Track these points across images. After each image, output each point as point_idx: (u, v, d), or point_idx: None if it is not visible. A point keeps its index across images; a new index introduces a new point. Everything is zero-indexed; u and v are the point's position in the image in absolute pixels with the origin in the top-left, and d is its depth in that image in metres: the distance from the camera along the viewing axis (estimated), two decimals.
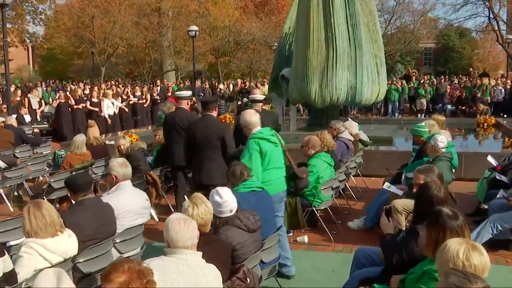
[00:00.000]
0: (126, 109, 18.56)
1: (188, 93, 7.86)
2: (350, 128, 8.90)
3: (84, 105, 17.25)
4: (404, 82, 24.20)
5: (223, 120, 15.42)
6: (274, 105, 13.87)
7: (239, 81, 28.32)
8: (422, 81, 24.52)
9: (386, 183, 6.54)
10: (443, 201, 3.80)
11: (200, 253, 3.17)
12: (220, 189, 4.18)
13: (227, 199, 4.12)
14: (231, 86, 26.63)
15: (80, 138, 8.19)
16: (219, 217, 4.07)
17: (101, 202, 4.62)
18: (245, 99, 20.86)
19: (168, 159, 7.56)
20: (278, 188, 5.40)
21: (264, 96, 8.69)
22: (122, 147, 8.12)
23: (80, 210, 4.31)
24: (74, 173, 7.09)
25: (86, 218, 4.23)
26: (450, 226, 3.15)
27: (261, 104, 8.04)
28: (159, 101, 19.59)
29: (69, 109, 17.16)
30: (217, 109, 6.94)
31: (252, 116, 5.49)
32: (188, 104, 7.62)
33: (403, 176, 6.88)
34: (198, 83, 26.69)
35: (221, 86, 25.75)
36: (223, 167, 6.00)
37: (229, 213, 4.11)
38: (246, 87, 23.80)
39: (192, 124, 6.69)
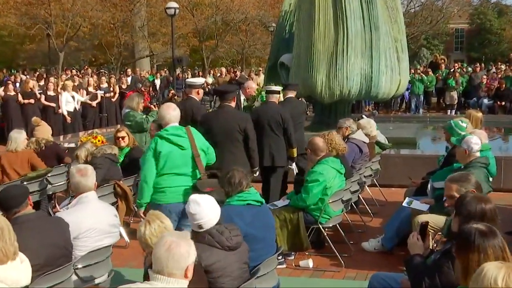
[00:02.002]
0: (93, 104, 18.50)
1: (201, 80, 8.32)
2: (370, 128, 8.92)
3: (36, 98, 17.20)
4: (430, 71, 24.30)
5: None
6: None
7: (224, 69, 28.29)
8: (452, 70, 24.62)
9: (407, 199, 6.53)
10: (493, 216, 3.83)
11: (186, 282, 3.20)
12: (199, 198, 4.19)
13: (193, 211, 4.09)
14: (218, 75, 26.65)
15: (15, 134, 8.27)
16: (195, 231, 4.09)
17: (44, 216, 4.59)
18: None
19: None
20: (175, 198, 5.62)
21: (280, 88, 8.97)
22: (82, 154, 7.94)
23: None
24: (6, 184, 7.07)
25: (26, 241, 3.95)
26: (485, 247, 3.16)
27: (278, 95, 8.47)
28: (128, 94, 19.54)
29: (19, 104, 17.12)
30: (235, 99, 7.49)
31: (165, 110, 5.82)
32: (198, 94, 8.03)
33: (428, 186, 6.90)
34: (178, 72, 26.66)
35: (209, 79, 25.65)
36: (245, 162, 6.90)
37: (198, 229, 4.08)
38: (237, 77, 23.76)
39: (208, 116, 7.19)
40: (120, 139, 8.28)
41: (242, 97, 10.03)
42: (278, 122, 7.90)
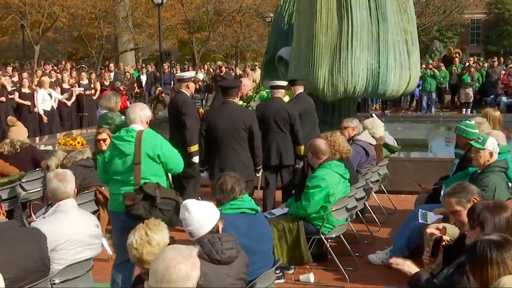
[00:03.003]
0: (68, 103, 18.47)
1: (190, 74, 8.79)
2: (372, 129, 8.92)
3: (10, 96, 17.15)
4: (443, 66, 24.33)
5: None
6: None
7: (220, 64, 28.30)
8: (467, 65, 24.66)
9: (420, 212, 6.49)
10: None
11: None
12: (190, 203, 4.22)
13: (184, 217, 4.19)
14: (211, 71, 26.63)
15: None
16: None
17: (17, 227, 4.57)
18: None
19: None
20: (117, 206, 5.72)
21: (285, 83, 9.20)
22: (53, 164, 7.86)
23: None
24: None
25: None
26: (504, 258, 3.18)
27: (283, 91, 8.76)
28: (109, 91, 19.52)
29: None
30: (239, 95, 7.91)
31: (130, 110, 5.99)
32: (188, 88, 8.45)
33: (441, 193, 6.90)
34: (166, 67, 26.63)
35: (200, 75, 25.62)
36: (250, 160, 7.38)
37: (190, 237, 4.14)
38: (222, 73, 23.57)
39: (211, 112, 7.58)
40: (102, 141, 8.19)
41: None
42: (284, 119, 8.19)
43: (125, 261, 5.49)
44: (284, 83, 9.02)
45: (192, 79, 8.65)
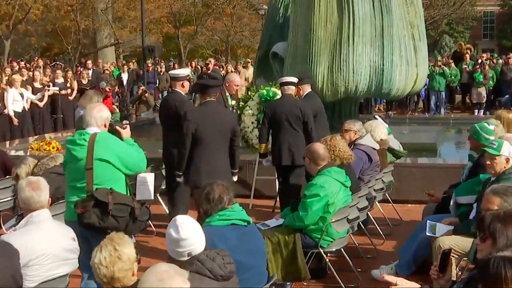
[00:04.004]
0: (40, 104, 18.39)
1: (185, 71, 8.92)
2: (372, 131, 8.92)
3: None
4: (453, 62, 24.37)
5: None
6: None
7: (213, 60, 28.27)
8: (480, 62, 24.73)
9: (429, 223, 6.49)
10: None
11: None
12: (182, 219, 4.21)
13: (185, 236, 4.16)
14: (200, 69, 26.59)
15: None
16: (177, 260, 4.12)
17: None
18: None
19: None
20: (72, 216, 5.72)
21: (296, 79, 9.33)
22: (23, 172, 7.83)
23: None
24: None
25: None
26: None
27: (294, 87, 9.06)
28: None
29: None
30: (218, 94, 8.16)
31: (86, 112, 6.00)
32: (183, 86, 8.53)
33: (451, 202, 6.92)
34: (149, 64, 26.62)
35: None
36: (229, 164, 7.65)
37: (187, 257, 4.15)
38: (208, 71, 23.43)
39: (196, 113, 7.66)
40: None
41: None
42: (297, 117, 8.55)
43: (89, 276, 5.52)
44: (294, 79, 9.21)
45: (188, 78, 8.70)
